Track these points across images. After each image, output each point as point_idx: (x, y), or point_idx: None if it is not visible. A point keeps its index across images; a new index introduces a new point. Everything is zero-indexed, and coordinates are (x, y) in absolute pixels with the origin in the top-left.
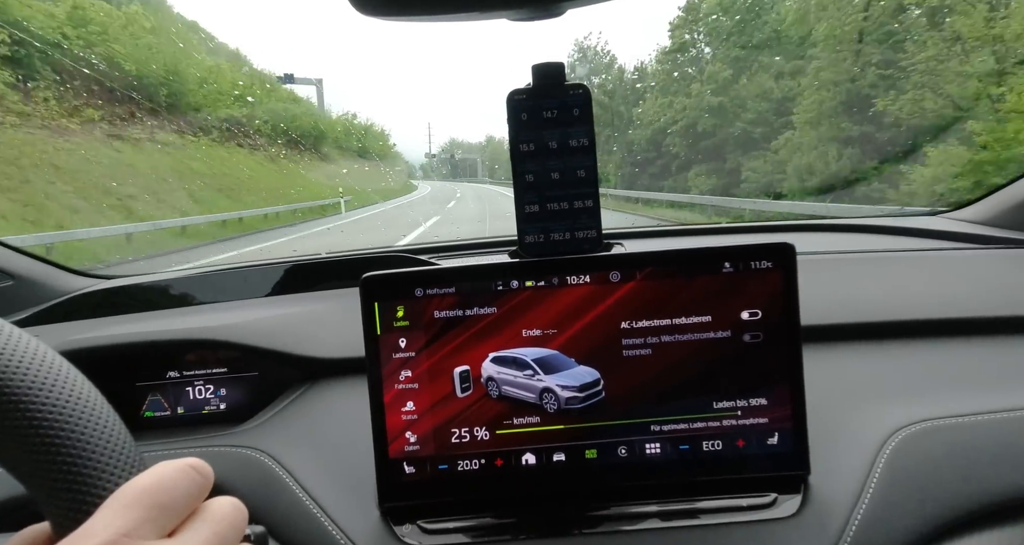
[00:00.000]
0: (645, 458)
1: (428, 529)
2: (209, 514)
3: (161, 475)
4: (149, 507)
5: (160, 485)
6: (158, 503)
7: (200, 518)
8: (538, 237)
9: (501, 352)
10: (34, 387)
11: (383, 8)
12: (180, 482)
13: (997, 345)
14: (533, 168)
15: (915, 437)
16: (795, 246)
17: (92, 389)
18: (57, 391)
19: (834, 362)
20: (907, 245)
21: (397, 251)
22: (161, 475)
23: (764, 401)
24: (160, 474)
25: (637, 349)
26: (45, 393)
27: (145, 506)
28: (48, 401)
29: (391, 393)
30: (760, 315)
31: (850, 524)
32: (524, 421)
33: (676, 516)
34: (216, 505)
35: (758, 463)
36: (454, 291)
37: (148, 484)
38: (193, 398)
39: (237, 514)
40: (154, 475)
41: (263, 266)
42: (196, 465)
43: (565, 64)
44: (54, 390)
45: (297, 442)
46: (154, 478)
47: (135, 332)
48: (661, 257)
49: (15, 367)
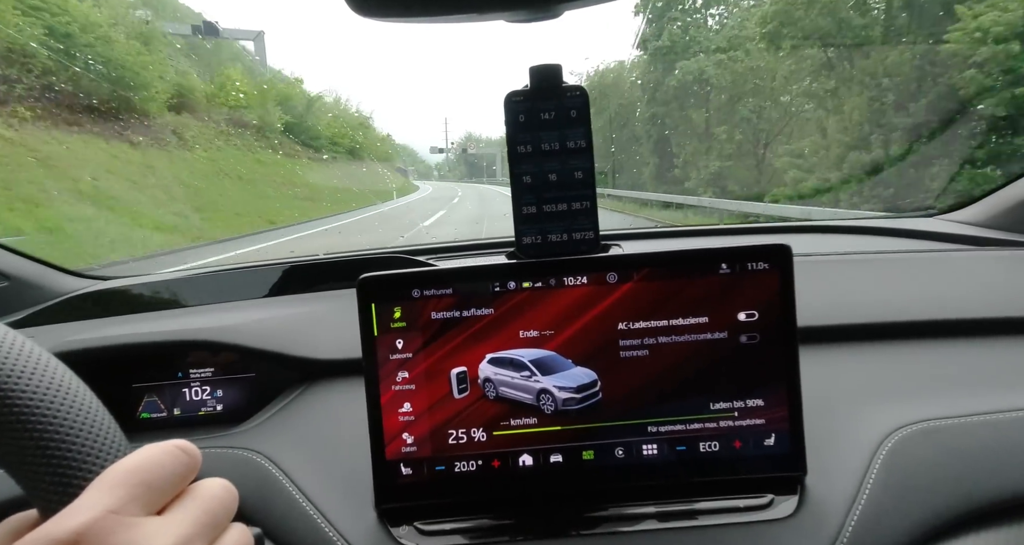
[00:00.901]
0: (642, 459)
1: (425, 530)
2: (198, 493)
3: (147, 456)
4: (136, 485)
5: (147, 465)
6: (145, 481)
7: (189, 497)
8: (535, 238)
9: (498, 353)
10: (12, 375)
11: (380, 9)
12: (167, 462)
13: (993, 346)
14: (530, 169)
15: (911, 438)
16: (792, 247)
17: (73, 377)
18: (37, 379)
19: (831, 363)
20: (903, 246)
21: (394, 252)
22: (147, 456)
23: (761, 402)
24: (146, 455)
25: (634, 350)
26: (24, 381)
27: (132, 484)
28: (28, 388)
29: (388, 394)
30: (757, 316)
31: (847, 525)
32: (521, 422)
33: (673, 517)
34: (205, 485)
35: (755, 464)
36: (451, 292)
37: (135, 464)
38: (189, 399)
39: (227, 494)
40: (140, 455)
41: (260, 267)
42: (183, 446)
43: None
44: (34, 378)
45: (294, 443)
46: (140, 458)
47: (131, 333)
48: (658, 258)
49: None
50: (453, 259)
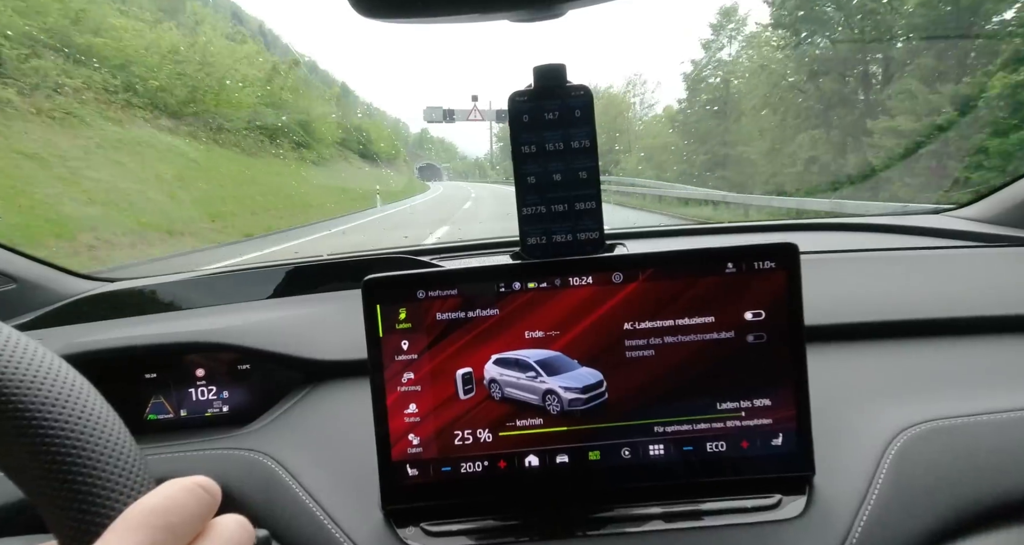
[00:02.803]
0: (649, 459)
1: (431, 531)
2: (216, 533)
3: (169, 495)
4: (157, 529)
5: (169, 505)
6: (166, 525)
7: (208, 538)
8: (540, 239)
9: (504, 354)
10: (47, 403)
11: (383, 10)
12: (188, 502)
13: (1003, 344)
14: (535, 169)
15: (920, 437)
16: (798, 246)
17: (103, 403)
18: (71, 407)
19: (838, 362)
20: (910, 244)
21: (399, 253)
22: (169, 495)
23: (768, 402)
24: (168, 494)
25: (640, 350)
26: (58, 409)
27: (153, 527)
28: (60, 417)
29: (394, 395)
30: (764, 316)
31: (855, 525)
32: (527, 423)
33: (680, 518)
34: (223, 525)
35: (762, 464)
36: (456, 293)
37: (156, 505)
38: (196, 401)
39: (244, 533)
40: (162, 495)
41: (265, 268)
42: (204, 484)
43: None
44: (67, 405)
45: (300, 445)
46: (162, 498)
47: (138, 335)
48: (664, 258)
49: (28, 385)
50: (457, 260)
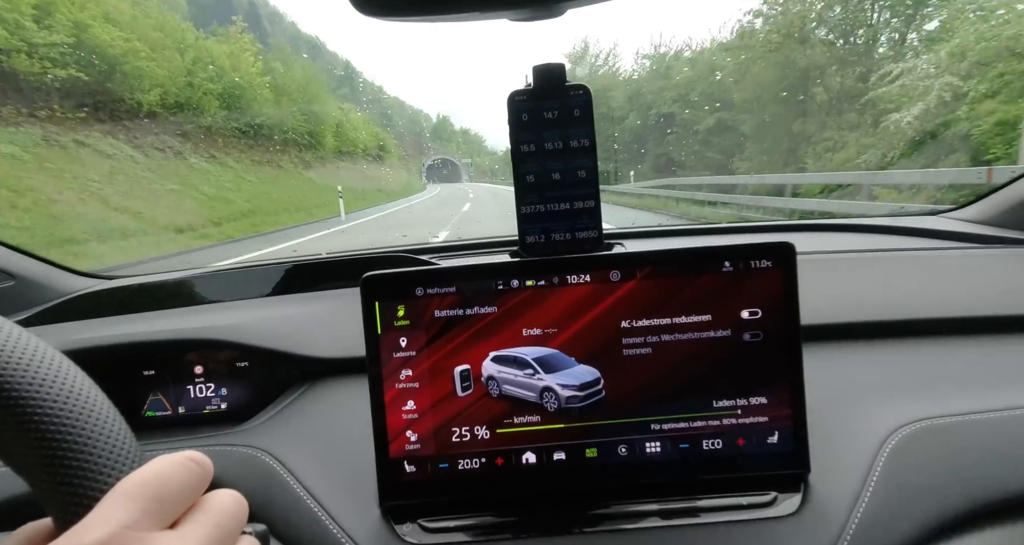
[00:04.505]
0: (645, 457)
1: (429, 528)
2: (210, 506)
3: (161, 468)
4: (149, 500)
5: (160, 478)
6: (158, 495)
7: (201, 510)
8: (539, 237)
9: (501, 351)
10: (34, 383)
11: (383, 8)
12: (180, 474)
13: (997, 344)
14: (534, 168)
15: (915, 436)
16: (795, 246)
17: (91, 385)
18: (57, 387)
19: (834, 361)
20: (907, 245)
21: (398, 251)
22: (161, 468)
23: (764, 400)
24: (160, 467)
25: (637, 348)
26: (46, 389)
27: (146, 499)
28: (48, 397)
29: (392, 392)
30: (760, 314)
31: (850, 522)
32: (524, 420)
33: (676, 515)
34: (217, 497)
35: (758, 462)
36: (455, 290)
37: (148, 477)
38: (194, 398)
39: (237, 506)
40: (154, 468)
41: (264, 266)
42: (195, 457)
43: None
44: (54, 386)
45: (298, 441)
46: (154, 471)
47: (136, 332)
48: (661, 256)
49: (15, 364)
50: (456, 258)
